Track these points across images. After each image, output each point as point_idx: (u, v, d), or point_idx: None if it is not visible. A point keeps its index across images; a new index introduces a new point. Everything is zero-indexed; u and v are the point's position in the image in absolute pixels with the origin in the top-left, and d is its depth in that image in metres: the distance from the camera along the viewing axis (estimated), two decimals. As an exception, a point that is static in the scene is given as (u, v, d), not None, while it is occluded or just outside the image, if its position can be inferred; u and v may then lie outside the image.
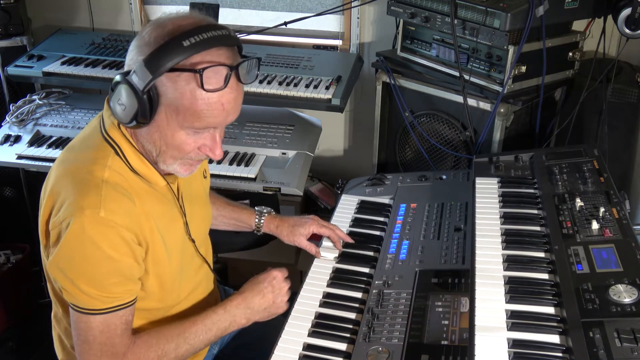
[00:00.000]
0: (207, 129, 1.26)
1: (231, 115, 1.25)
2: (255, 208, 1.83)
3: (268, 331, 1.52)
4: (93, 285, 1.25)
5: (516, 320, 1.28)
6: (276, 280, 1.49)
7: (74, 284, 1.25)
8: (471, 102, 2.24)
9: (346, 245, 1.76)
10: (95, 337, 1.28)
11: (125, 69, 1.24)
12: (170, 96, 1.19)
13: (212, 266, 1.62)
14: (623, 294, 1.24)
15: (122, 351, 1.30)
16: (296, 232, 1.77)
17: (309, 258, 1.75)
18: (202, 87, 1.17)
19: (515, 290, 1.36)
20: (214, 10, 2.54)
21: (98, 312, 1.26)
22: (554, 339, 1.23)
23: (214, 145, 1.27)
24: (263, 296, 1.46)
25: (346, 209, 1.94)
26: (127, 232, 1.26)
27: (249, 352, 1.70)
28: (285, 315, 1.51)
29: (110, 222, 1.23)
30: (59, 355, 1.56)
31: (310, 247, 1.76)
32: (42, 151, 2.41)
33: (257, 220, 1.80)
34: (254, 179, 2.25)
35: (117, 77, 1.22)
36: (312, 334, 1.44)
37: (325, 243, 1.77)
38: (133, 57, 1.22)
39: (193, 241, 1.49)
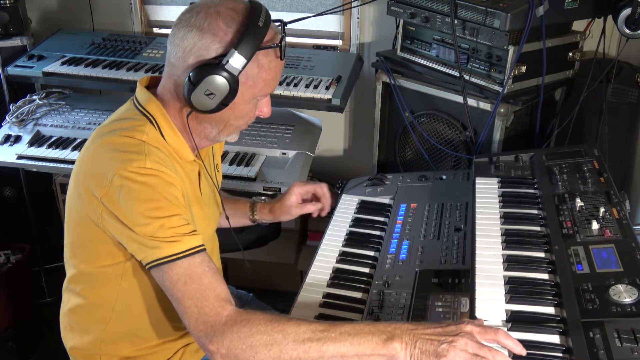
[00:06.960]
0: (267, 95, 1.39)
1: None
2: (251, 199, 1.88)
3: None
4: (169, 223, 1.23)
5: (516, 321, 1.28)
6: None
7: (151, 230, 1.23)
8: (471, 102, 2.24)
9: (346, 245, 1.76)
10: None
11: (186, 60, 1.26)
12: (251, 73, 1.28)
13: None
14: (623, 294, 1.23)
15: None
16: (286, 203, 1.81)
17: (309, 258, 1.74)
18: (281, 58, 1.32)
19: (515, 290, 1.36)
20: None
21: (181, 254, 1.23)
22: (554, 339, 1.23)
23: (265, 107, 1.42)
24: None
25: (346, 209, 1.93)
26: (175, 179, 1.28)
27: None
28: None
29: (158, 170, 1.25)
30: (66, 343, 1.54)
31: (308, 208, 1.80)
32: (42, 151, 2.41)
33: (250, 208, 1.84)
34: (254, 179, 2.25)
35: (194, 72, 1.24)
36: (312, 334, 1.44)
37: (326, 241, 1.77)
38: (201, 47, 1.25)
39: (224, 209, 1.58)
